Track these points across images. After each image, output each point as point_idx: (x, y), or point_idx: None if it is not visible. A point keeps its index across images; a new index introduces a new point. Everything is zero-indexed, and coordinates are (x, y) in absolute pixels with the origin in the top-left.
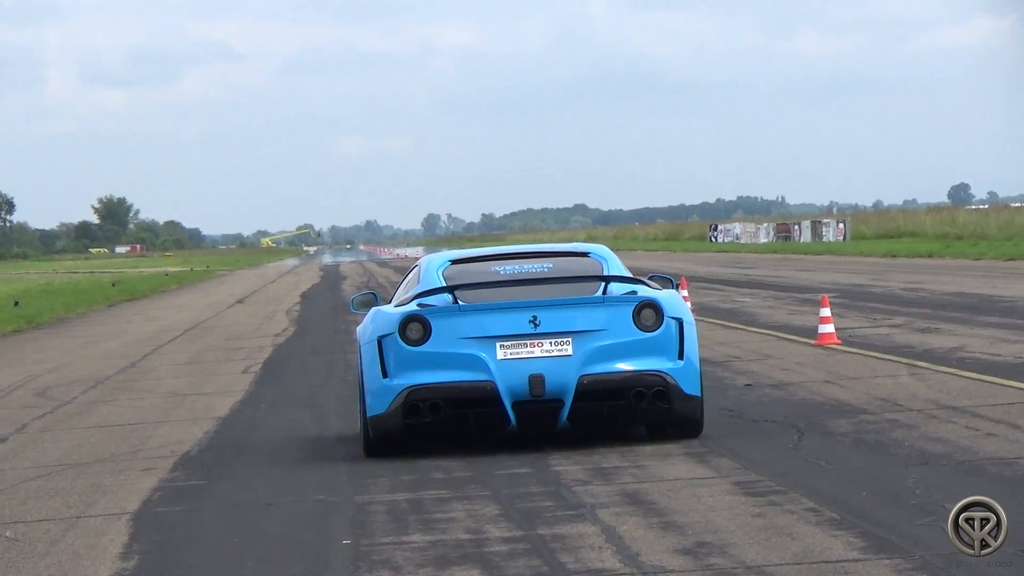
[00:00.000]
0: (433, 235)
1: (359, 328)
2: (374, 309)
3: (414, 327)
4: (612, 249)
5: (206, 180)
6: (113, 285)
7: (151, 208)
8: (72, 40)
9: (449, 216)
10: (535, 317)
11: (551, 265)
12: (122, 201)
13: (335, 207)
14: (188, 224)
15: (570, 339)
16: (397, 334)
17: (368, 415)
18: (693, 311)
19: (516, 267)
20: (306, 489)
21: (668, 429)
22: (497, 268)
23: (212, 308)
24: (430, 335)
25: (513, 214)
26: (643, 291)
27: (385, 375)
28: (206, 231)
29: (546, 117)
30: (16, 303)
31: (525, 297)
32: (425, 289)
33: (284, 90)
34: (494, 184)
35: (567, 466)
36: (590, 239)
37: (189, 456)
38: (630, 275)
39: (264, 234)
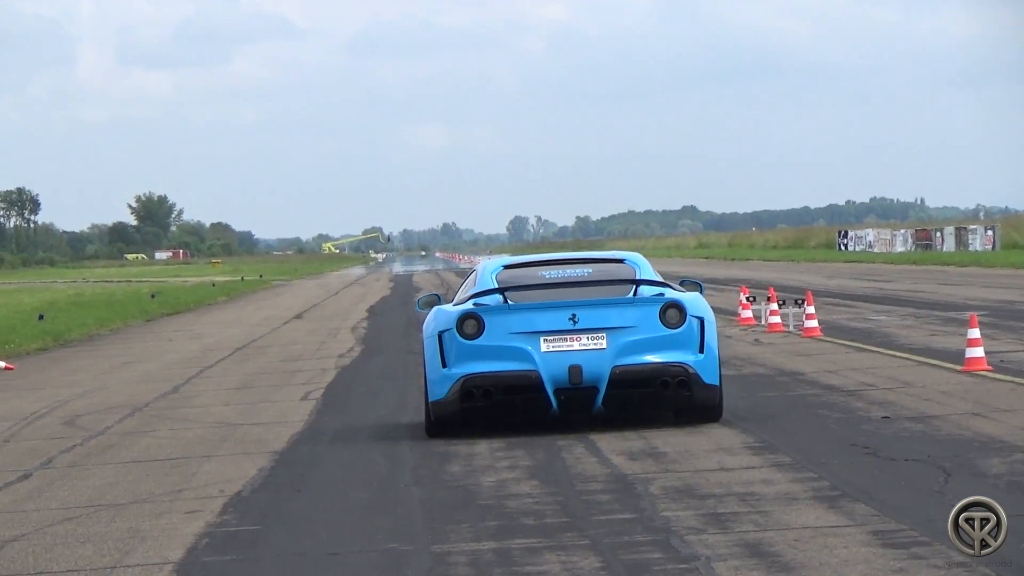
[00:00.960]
0: (520, 240)
1: (423, 324)
2: (436, 308)
3: (470, 323)
4: (727, 259)
5: (259, 176)
6: (152, 296)
7: (196, 208)
8: (107, 13)
9: (539, 219)
10: (574, 315)
11: (590, 270)
12: (163, 200)
13: (408, 209)
14: (238, 227)
15: (604, 334)
16: (455, 329)
17: (429, 400)
18: (820, 329)
19: (559, 272)
20: (376, 536)
21: (691, 414)
22: (543, 273)
23: (266, 324)
24: (484, 330)
25: (612, 217)
26: (669, 293)
27: (444, 365)
28: (259, 235)
29: (650, 106)
30: (41, 317)
31: (566, 298)
32: (480, 290)
33: (350, 72)
34: (590, 183)
35: (677, 511)
36: (701, 246)
37: (241, 497)
38: (660, 279)
39: (326, 239)
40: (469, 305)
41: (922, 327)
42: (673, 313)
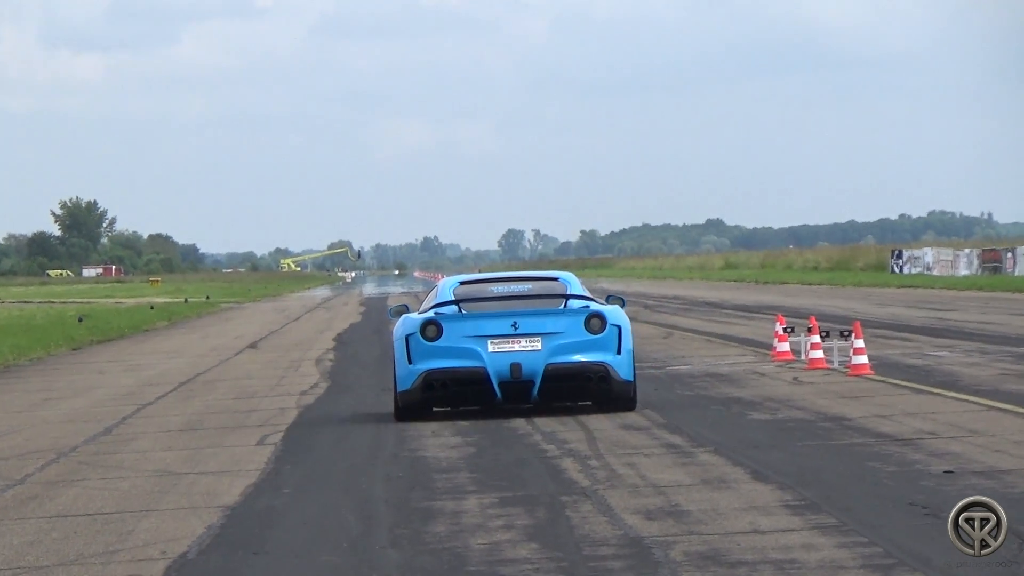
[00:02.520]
0: (515, 258)
1: (394, 329)
2: (403, 316)
3: (431, 328)
4: (759, 282)
5: (207, 180)
6: (80, 320)
7: (131, 217)
8: None
9: (537, 234)
10: (515, 322)
11: (530, 286)
12: (92, 207)
13: (382, 220)
14: (181, 239)
15: (540, 338)
16: (419, 333)
17: (398, 391)
18: (870, 367)
19: (505, 287)
20: None
21: (608, 404)
22: (492, 288)
23: (215, 355)
24: (442, 334)
25: (623, 232)
26: (594, 306)
27: (410, 362)
28: (205, 249)
29: (669, 102)
30: None
31: (509, 308)
32: (440, 301)
33: (317, 59)
34: (598, 192)
35: None
36: (728, 266)
37: (186, 559)
38: (587, 294)
39: (284, 254)
40: (431, 313)
41: (991, 365)
42: (595, 322)
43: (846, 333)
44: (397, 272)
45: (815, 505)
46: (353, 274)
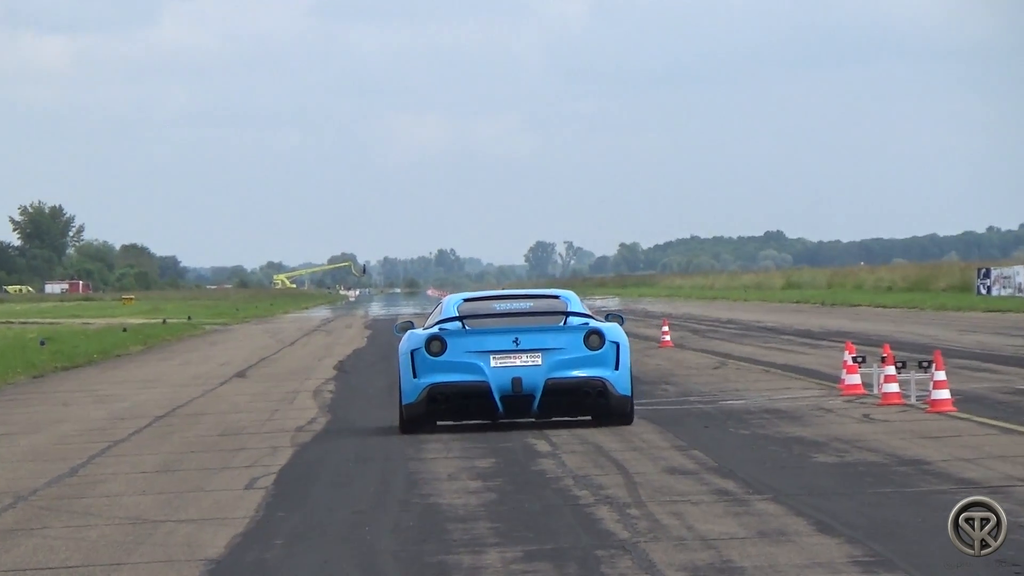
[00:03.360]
0: (543, 274)
1: (400, 344)
2: (409, 331)
3: (435, 344)
4: (824, 304)
5: (189, 184)
6: (42, 344)
7: (101, 225)
8: None
9: (569, 247)
10: (517, 338)
11: (531, 304)
12: (57, 213)
13: (390, 230)
14: (159, 251)
15: (540, 354)
16: (423, 348)
17: (403, 403)
18: (953, 402)
19: (507, 305)
20: None
21: (607, 418)
22: (494, 305)
23: (197, 384)
24: (446, 349)
25: (669, 245)
26: (592, 323)
27: (415, 376)
28: (187, 262)
29: (721, 97)
30: None
31: (511, 325)
32: (444, 318)
33: (316, 44)
34: (640, 199)
35: None
36: (790, 286)
37: None
38: (586, 312)
39: (278, 269)
40: (435, 329)
41: None
42: (594, 338)
43: (925, 364)
44: (409, 291)
45: (889, 562)
46: (357, 292)
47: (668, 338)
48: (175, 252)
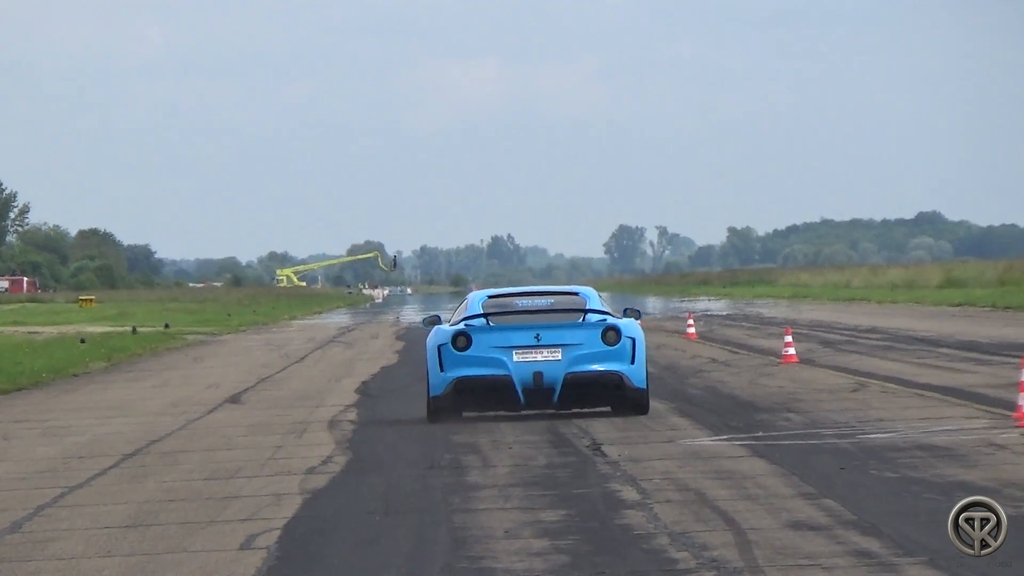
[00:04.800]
0: (629, 268)
1: (427, 339)
2: (436, 327)
3: (461, 339)
4: (994, 306)
5: (166, 154)
6: None
7: (53, 206)
8: None
9: (662, 233)
10: (538, 334)
11: (552, 300)
12: None
13: (428, 212)
14: (128, 238)
15: (560, 349)
16: (450, 343)
17: (431, 396)
18: None
19: (529, 301)
20: None
21: (623, 409)
22: (517, 302)
23: (177, 413)
24: (471, 344)
25: (792, 231)
26: (610, 319)
27: (442, 370)
28: (164, 252)
29: (854, 39)
30: None
31: (532, 322)
32: (470, 314)
33: None
34: (754, 174)
35: None
36: (950, 283)
37: None
38: (604, 308)
39: (282, 262)
40: (461, 325)
41: None
42: (611, 334)
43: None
44: (451, 289)
45: None
46: (386, 291)
47: (792, 352)
48: (148, 240)
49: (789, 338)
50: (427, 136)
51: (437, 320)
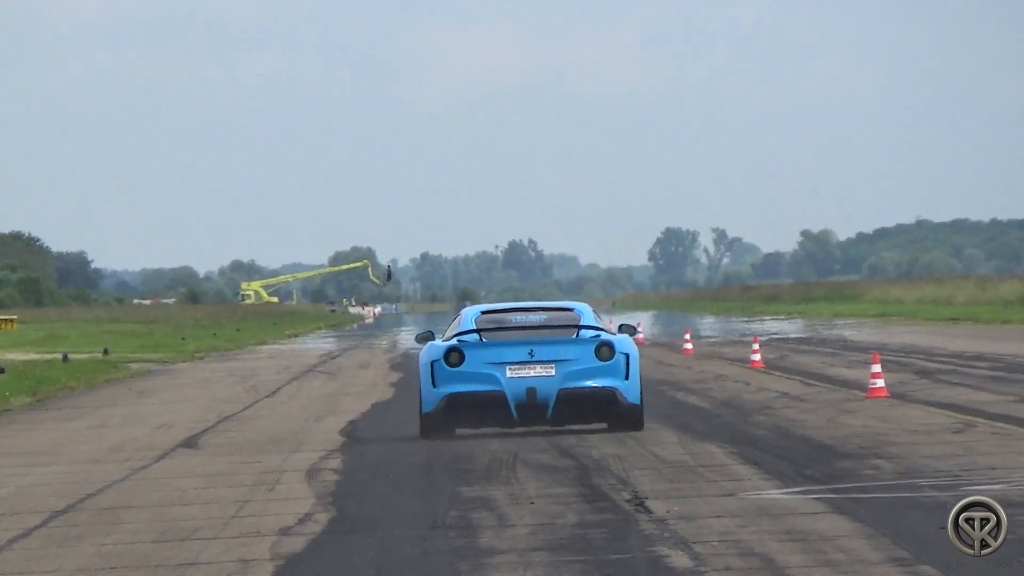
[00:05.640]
0: (678, 281)
1: (420, 355)
2: (429, 343)
3: (454, 355)
4: None
5: (105, 142)
6: None
7: None
8: None
9: (720, 237)
10: (531, 350)
11: (546, 316)
12: None
13: (429, 213)
14: (59, 244)
15: (553, 365)
16: (443, 359)
17: (423, 411)
18: None
19: (523, 317)
20: None
21: (617, 425)
22: (510, 317)
23: (120, 460)
24: (464, 360)
25: (880, 234)
26: (604, 335)
27: (434, 385)
28: (104, 262)
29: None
30: None
31: (526, 337)
32: (463, 330)
33: None
34: (831, 166)
35: None
36: None
37: None
38: (598, 324)
39: (248, 273)
40: (454, 341)
41: None
42: (605, 350)
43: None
44: (467, 304)
45: None
46: (378, 308)
47: (880, 384)
48: (83, 247)
49: (877, 367)
50: (428, 118)
51: (430, 336)
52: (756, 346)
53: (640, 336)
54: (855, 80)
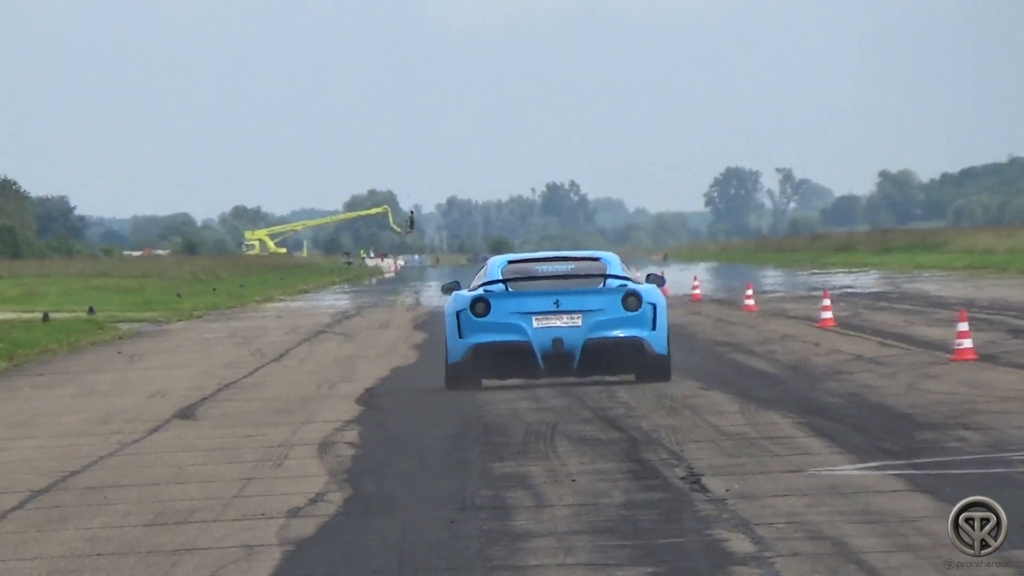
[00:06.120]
0: (740, 227)
1: (445, 306)
2: (455, 292)
3: (479, 305)
4: None
5: (87, 76)
6: None
7: None
8: None
9: (785, 178)
10: (557, 300)
11: (573, 266)
12: None
13: (455, 153)
14: (38, 189)
15: (580, 315)
16: (468, 309)
17: (449, 362)
18: None
19: (549, 267)
20: None
21: (645, 375)
22: (536, 267)
23: (107, 432)
24: (490, 310)
25: (967, 174)
26: (631, 285)
27: (461, 336)
28: (89, 208)
29: None
30: None
31: (552, 287)
32: (489, 280)
33: None
34: (913, 95)
35: None
36: None
37: None
38: (625, 274)
39: (253, 221)
40: (480, 291)
41: None
42: (632, 300)
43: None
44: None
45: None
46: (400, 261)
47: (967, 345)
48: (66, 192)
49: (964, 326)
50: (457, 43)
51: (456, 286)
52: (826, 302)
53: (667, 288)
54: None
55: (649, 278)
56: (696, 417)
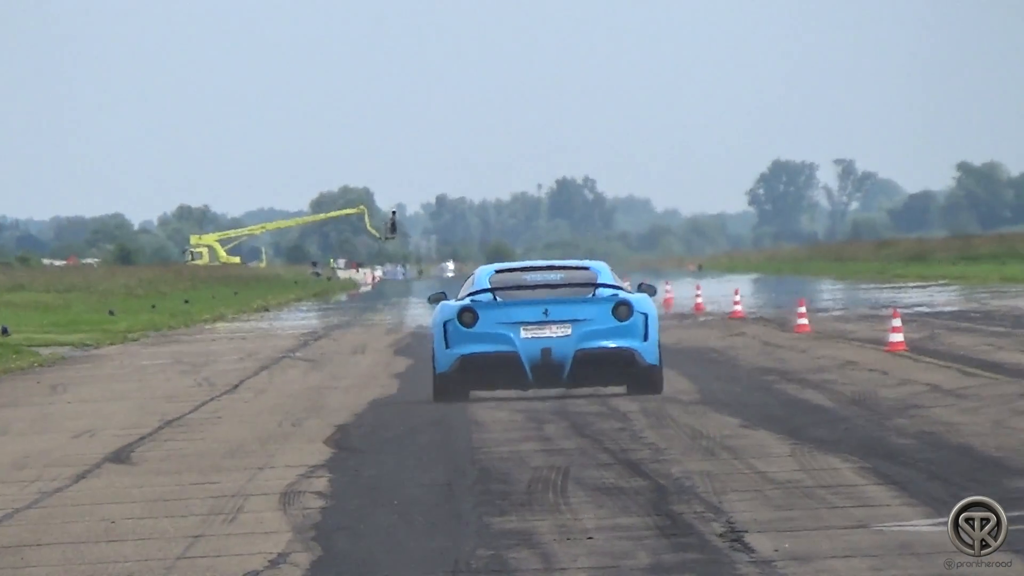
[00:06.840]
0: (791, 232)
1: (432, 316)
2: (442, 303)
3: (467, 315)
4: None
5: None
6: None
7: None
8: None
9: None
10: (546, 310)
11: (562, 275)
12: None
13: (445, 143)
14: None
15: (570, 325)
16: (456, 319)
17: (436, 372)
18: None
19: (538, 276)
20: None
21: (636, 387)
22: (525, 276)
23: (22, 481)
24: (478, 320)
25: None
26: (622, 294)
27: (448, 346)
28: (4, 210)
29: None
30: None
31: (541, 297)
32: (476, 289)
33: None
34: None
35: None
36: None
37: None
38: (615, 283)
39: (200, 225)
40: (467, 301)
41: None
42: (623, 309)
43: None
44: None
45: None
46: (380, 271)
47: None
48: None
49: None
50: (445, 14)
51: (443, 296)
52: (896, 322)
53: (669, 295)
54: None
55: (640, 287)
56: (737, 461)
